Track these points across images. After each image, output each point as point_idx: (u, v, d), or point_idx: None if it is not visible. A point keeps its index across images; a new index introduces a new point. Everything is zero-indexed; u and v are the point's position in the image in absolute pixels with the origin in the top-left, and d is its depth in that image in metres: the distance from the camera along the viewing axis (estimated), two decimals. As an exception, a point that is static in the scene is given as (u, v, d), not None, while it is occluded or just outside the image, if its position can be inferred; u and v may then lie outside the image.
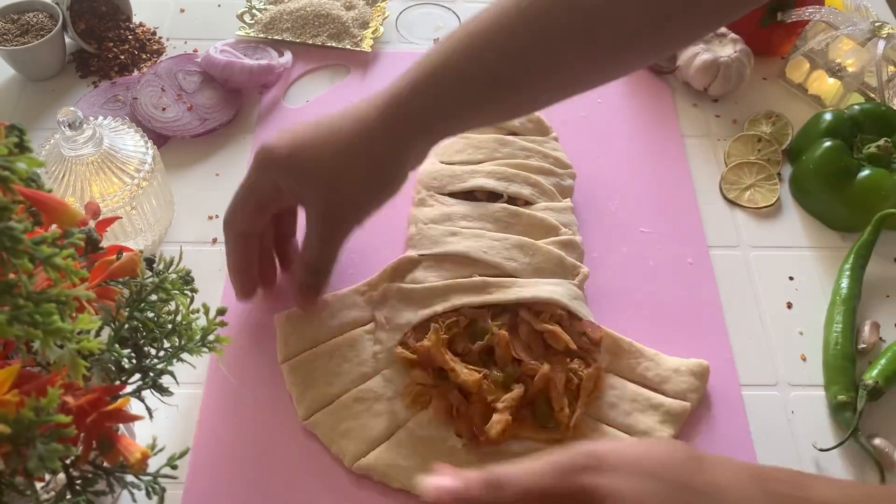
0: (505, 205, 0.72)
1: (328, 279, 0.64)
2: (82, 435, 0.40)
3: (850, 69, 0.86)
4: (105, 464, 0.43)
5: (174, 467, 0.43)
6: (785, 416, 0.66)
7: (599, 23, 0.55)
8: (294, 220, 0.69)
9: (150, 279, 0.47)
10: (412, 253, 0.69)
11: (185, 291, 0.48)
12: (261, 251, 0.66)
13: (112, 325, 0.45)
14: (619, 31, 0.56)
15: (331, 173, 0.59)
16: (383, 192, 0.61)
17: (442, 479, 0.43)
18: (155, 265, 0.48)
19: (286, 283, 0.70)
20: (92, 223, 0.48)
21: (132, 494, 0.43)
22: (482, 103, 0.60)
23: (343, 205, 0.60)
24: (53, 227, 0.40)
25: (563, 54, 0.57)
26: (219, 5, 0.97)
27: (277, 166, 0.60)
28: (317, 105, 0.87)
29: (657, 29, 0.56)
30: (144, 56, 0.90)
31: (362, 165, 0.59)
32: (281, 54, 0.89)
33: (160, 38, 0.93)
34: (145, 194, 0.69)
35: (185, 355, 0.48)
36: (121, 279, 0.46)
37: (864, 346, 0.69)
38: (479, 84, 0.58)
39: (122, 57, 0.89)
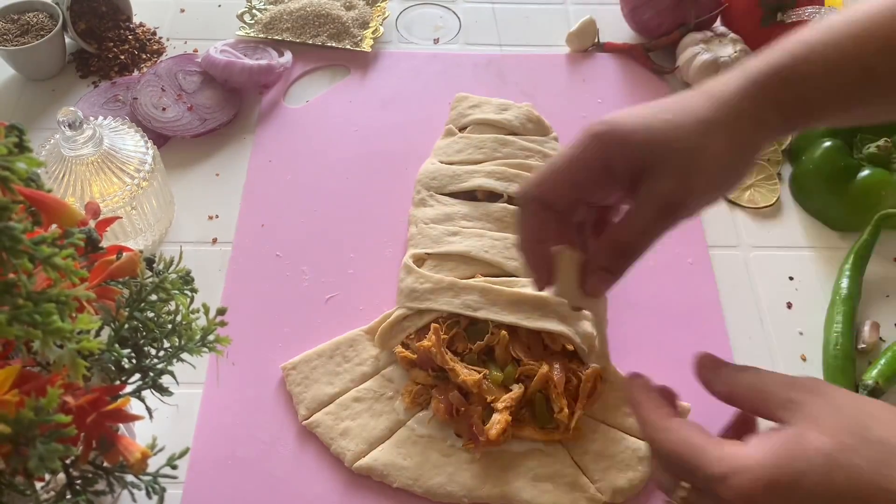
0: (505, 205, 0.72)
1: (629, 267, 0.53)
2: (82, 435, 0.40)
3: (850, 69, 0.86)
4: (105, 464, 0.43)
5: (174, 467, 0.43)
6: (785, 416, 0.66)
7: None
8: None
9: (150, 279, 0.47)
10: (413, 252, 0.69)
11: (185, 291, 0.48)
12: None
13: (112, 324, 0.45)
14: None
15: (687, 151, 0.50)
16: (737, 178, 0.52)
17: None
18: (155, 265, 0.48)
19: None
20: (92, 223, 0.48)
21: (132, 494, 0.43)
22: (852, 102, 0.52)
23: (693, 186, 0.50)
24: (53, 226, 0.40)
25: None
26: (219, 5, 0.97)
27: (621, 137, 0.50)
28: (317, 105, 0.87)
29: None
30: (144, 56, 0.90)
31: (724, 146, 0.50)
32: (281, 54, 0.89)
33: (160, 38, 0.93)
34: (145, 194, 0.69)
35: (184, 355, 0.48)
36: (121, 279, 0.46)
37: (864, 346, 0.69)
38: (849, 77, 0.51)
39: (122, 57, 0.89)
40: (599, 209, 0.54)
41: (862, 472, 0.39)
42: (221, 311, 0.48)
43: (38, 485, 0.43)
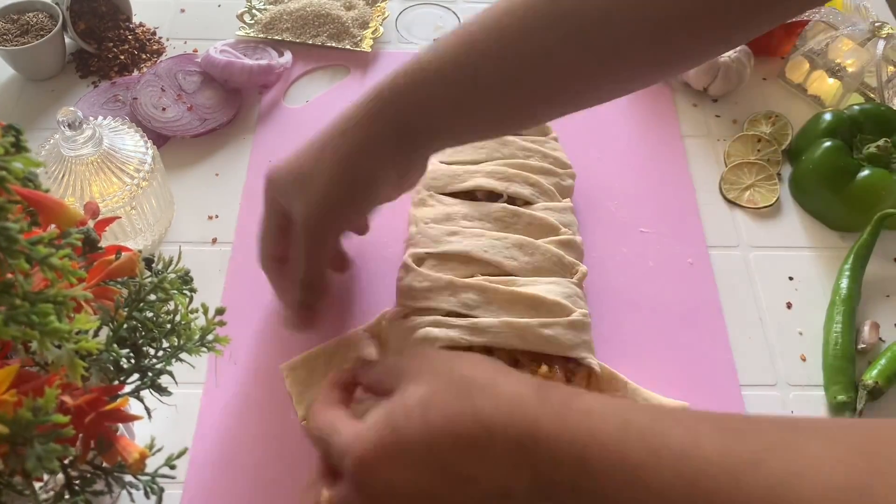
0: (505, 205, 0.72)
1: (323, 297, 0.62)
2: (81, 435, 0.40)
3: (849, 69, 0.86)
4: (103, 464, 0.43)
5: (172, 467, 0.43)
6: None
7: (595, 30, 0.52)
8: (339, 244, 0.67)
9: (149, 279, 0.47)
10: (413, 251, 0.69)
11: (184, 291, 0.48)
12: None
13: (111, 324, 0.45)
14: (616, 40, 0.52)
15: (305, 177, 0.58)
16: (355, 193, 0.58)
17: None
18: (154, 265, 0.48)
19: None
20: (91, 223, 0.48)
21: (130, 494, 0.43)
22: (471, 111, 0.57)
23: (316, 208, 0.57)
24: (51, 227, 0.40)
25: (555, 62, 0.54)
26: (219, 5, 0.98)
27: (273, 183, 0.60)
28: (317, 105, 0.87)
29: (656, 41, 0.52)
30: (144, 56, 0.90)
31: (330, 161, 0.57)
32: (281, 54, 0.89)
33: (160, 38, 0.93)
34: (145, 194, 0.69)
35: (183, 355, 0.48)
36: (119, 279, 0.46)
37: (863, 346, 0.69)
38: (462, 86, 0.55)
39: (122, 57, 0.89)
40: None
41: (450, 404, 0.44)
42: (220, 311, 0.48)
43: (37, 485, 0.43)
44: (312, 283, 0.60)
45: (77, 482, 0.43)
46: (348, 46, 0.92)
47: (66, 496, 0.42)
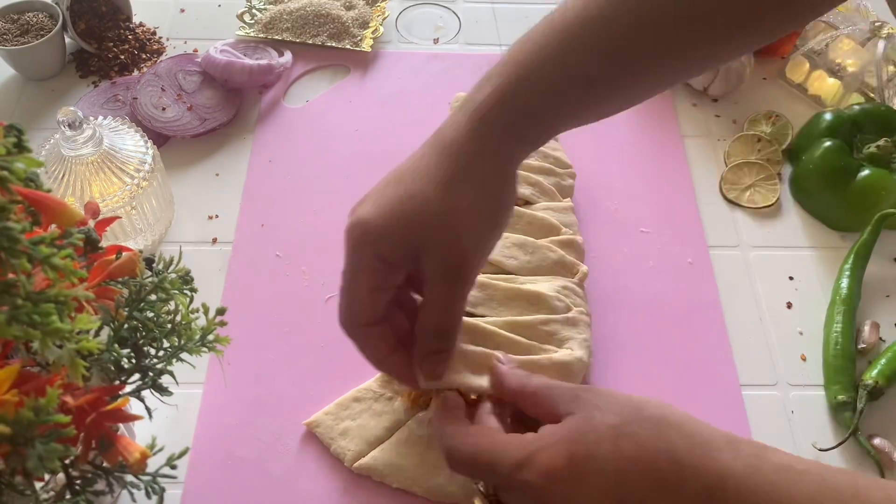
0: (505, 205, 0.72)
1: (455, 340, 0.53)
2: (82, 435, 0.40)
3: (850, 69, 0.86)
4: (104, 464, 0.43)
5: (173, 467, 0.43)
6: (785, 416, 0.66)
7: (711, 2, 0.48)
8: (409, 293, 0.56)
9: (150, 279, 0.47)
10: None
11: (185, 291, 0.48)
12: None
13: (111, 324, 0.45)
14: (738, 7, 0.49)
15: (441, 216, 0.49)
16: (503, 219, 0.52)
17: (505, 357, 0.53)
18: (154, 265, 0.48)
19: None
20: (91, 223, 0.48)
21: (131, 494, 0.43)
22: (580, 110, 0.53)
23: (466, 252, 0.50)
24: (52, 227, 0.40)
25: (669, 44, 0.50)
26: (219, 5, 0.97)
27: (379, 237, 0.50)
28: (317, 105, 0.87)
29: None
30: (144, 56, 0.90)
31: (473, 199, 0.50)
32: (281, 54, 0.89)
33: (160, 38, 0.93)
34: (145, 194, 0.69)
35: (184, 355, 0.48)
36: (120, 279, 0.46)
37: (864, 345, 0.69)
38: (574, 91, 0.51)
39: (122, 57, 0.89)
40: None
41: (643, 439, 0.44)
42: (221, 311, 0.48)
43: (38, 485, 0.43)
44: (451, 329, 0.53)
45: (78, 482, 0.43)
46: (348, 46, 0.92)
47: (67, 496, 0.42)
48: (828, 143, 0.78)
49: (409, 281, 0.53)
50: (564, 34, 0.50)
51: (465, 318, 0.63)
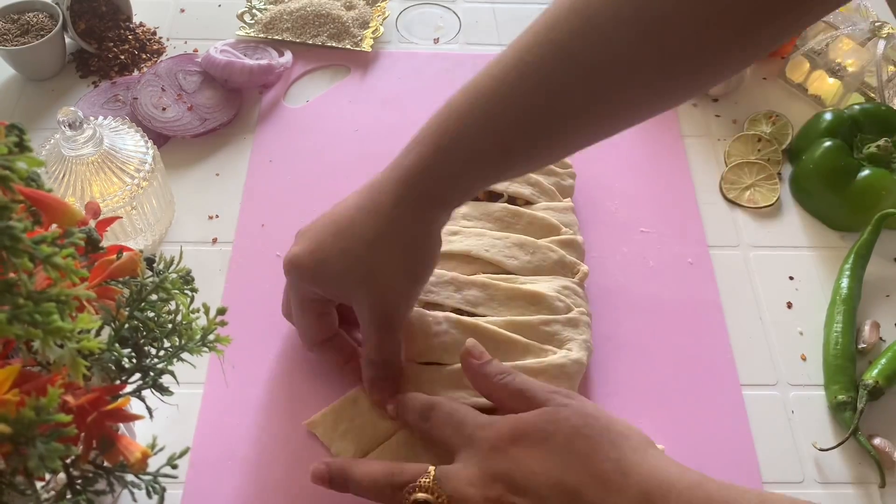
0: (505, 204, 0.72)
1: (400, 367, 0.60)
2: (82, 434, 0.40)
3: (850, 69, 0.86)
4: (105, 463, 0.43)
5: (174, 467, 0.43)
6: (785, 415, 0.66)
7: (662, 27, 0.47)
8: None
9: (151, 279, 0.47)
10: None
11: (186, 291, 0.48)
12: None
13: (112, 324, 0.45)
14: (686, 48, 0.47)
15: (367, 273, 0.56)
16: (425, 270, 0.58)
17: (476, 346, 0.57)
18: (155, 265, 0.48)
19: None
20: (92, 223, 0.48)
21: (132, 494, 0.43)
22: (500, 172, 0.57)
23: (389, 305, 0.57)
24: (53, 226, 0.40)
25: (577, 111, 0.52)
26: (219, 5, 0.98)
27: (312, 280, 0.58)
28: (317, 105, 0.87)
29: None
30: (144, 56, 0.90)
31: (397, 259, 0.56)
32: (281, 54, 0.89)
33: (160, 38, 0.93)
34: (145, 194, 0.69)
35: (185, 355, 0.48)
36: (121, 279, 0.46)
37: (864, 345, 0.69)
38: (493, 158, 0.54)
39: (122, 57, 0.89)
40: None
41: (598, 444, 0.49)
42: (221, 311, 0.48)
43: (39, 484, 0.43)
44: (388, 360, 0.59)
45: (79, 482, 0.43)
46: (348, 46, 0.92)
47: (68, 496, 0.42)
48: (828, 143, 0.78)
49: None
50: (480, 104, 0.53)
51: (466, 318, 0.63)
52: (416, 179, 0.54)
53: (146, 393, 0.46)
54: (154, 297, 0.46)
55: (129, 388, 0.45)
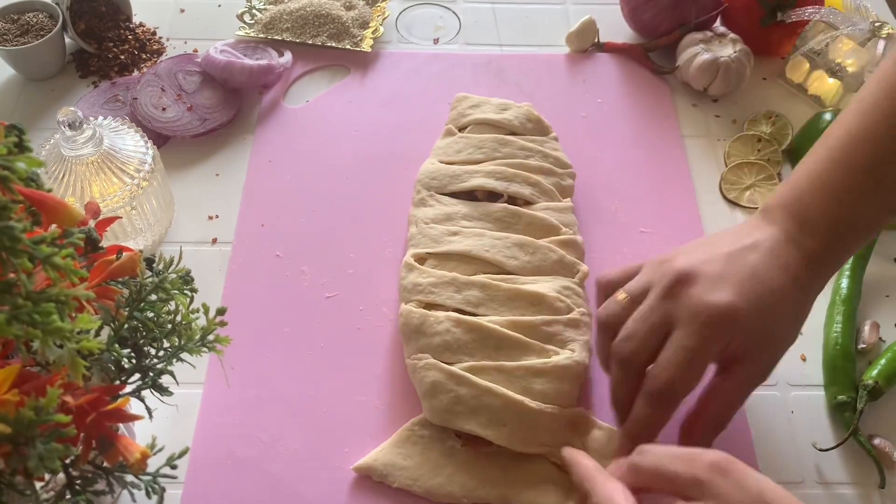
0: (505, 205, 0.72)
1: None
2: (82, 435, 0.40)
3: (850, 69, 0.86)
4: (105, 463, 0.43)
5: (174, 467, 0.43)
6: (785, 416, 0.66)
7: None
8: None
9: (150, 279, 0.47)
10: (414, 251, 0.69)
11: (185, 291, 0.48)
12: None
13: (112, 324, 0.45)
14: None
15: (785, 341, 0.56)
16: (798, 331, 0.58)
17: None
18: (155, 265, 0.48)
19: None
20: (92, 223, 0.48)
21: (132, 494, 0.43)
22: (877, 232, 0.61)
23: (775, 360, 0.57)
24: (53, 226, 0.40)
25: None
26: (219, 5, 0.98)
27: (744, 329, 0.54)
28: (317, 105, 0.87)
29: None
30: (144, 56, 0.90)
31: (796, 333, 0.57)
32: (281, 54, 0.89)
33: (160, 38, 0.93)
34: (145, 194, 0.69)
35: (184, 355, 0.48)
36: (120, 279, 0.46)
37: (864, 345, 0.69)
38: (881, 224, 0.58)
39: (122, 57, 0.89)
40: None
41: None
42: (221, 311, 0.49)
43: (38, 484, 0.43)
44: (724, 423, 0.57)
45: (78, 482, 0.43)
46: (348, 46, 0.92)
47: (68, 496, 0.42)
48: (828, 144, 0.78)
49: None
50: (870, 175, 0.56)
51: (467, 318, 0.63)
52: (821, 265, 0.57)
53: (146, 393, 0.46)
54: (154, 297, 0.46)
55: (128, 389, 0.45)
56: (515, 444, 0.59)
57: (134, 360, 0.47)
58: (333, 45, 0.92)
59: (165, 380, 0.47)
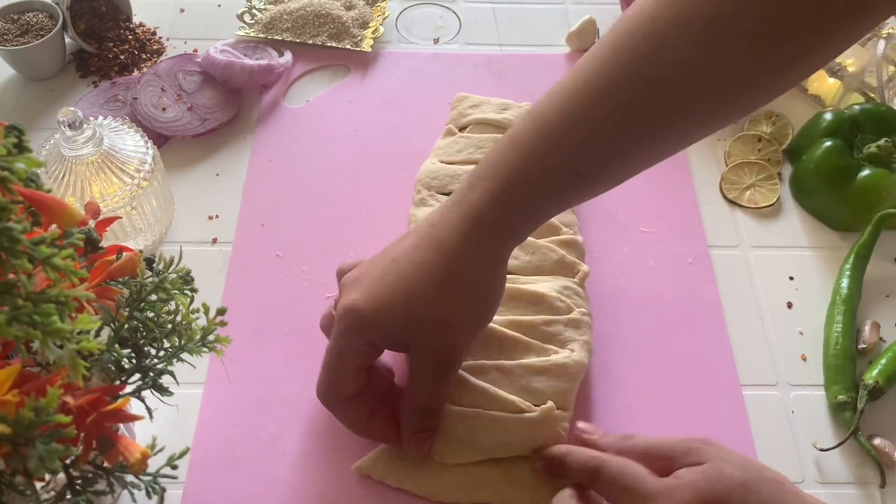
0: (505, 205, 0.72)
1: (441, 418, 0.58)
2: (82, 435, 0.40)
3: (850, 69, 0.86)
4: (105, 464, 0.43)
5: (174, 467, 0.43)
6: (785, 416, 0.66)
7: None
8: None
9: (150, 279, 0.47)
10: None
11: (185, 291, 0.48)
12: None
13: (112, 325, 0.45)
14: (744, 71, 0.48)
15: (436, 314, 0.53)
16: (493, 309, 0.57)
17: (587, 425, 0.59)
18: (155, 265, 0.48)
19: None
20: (92, 223, 0.48)
21: (132, 494, 0.43)
22: (571, 199, 0.57)
23: (456, 347, 0.55)
24: (53, 227, 0.40)
25: (645, 134, 0.52)
26: (219, 5, 0.97)
27: (371, 327, 0.54)
28: (317, 105, 0.87)
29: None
30: (144, 56, 0.90)
31: (469, 299, 0.54)
32: (281, 54, 0.89)
33: (160, 38, 0.93)
34: (145, 194, 0.69)
35: (185, 355, 0.48)
36: (121, 279, 0.46)
37: (864, 345, 0.69)
38: (563, 186, 0.54)
39: (122, 57, 0.89)
40: None
41: (767, 497, 0.48)
42: (221, 311, 0.48)
43: (38, 485, 0.43)
44: (437, 410, 0.57)
45: (78, 482, 0.43)
46: (348, 46, 0.92)
47: (68, 496, 0.42)
48: (828, 143, 0.78)
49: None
50: (549, 131, 0.52)
51: None
52: (486, 215, 0.53)
53: (146, 393, 0.46)
54: (154, 297, 0.46)
55: (128, 389, 0.45)
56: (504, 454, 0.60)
57: (134, 361, 0.47)
58: (333, 45, 0.92)
59: (166, 380, 0.47)
